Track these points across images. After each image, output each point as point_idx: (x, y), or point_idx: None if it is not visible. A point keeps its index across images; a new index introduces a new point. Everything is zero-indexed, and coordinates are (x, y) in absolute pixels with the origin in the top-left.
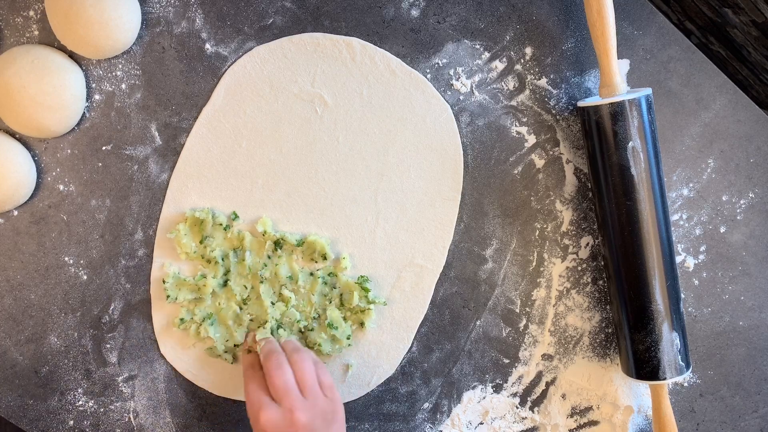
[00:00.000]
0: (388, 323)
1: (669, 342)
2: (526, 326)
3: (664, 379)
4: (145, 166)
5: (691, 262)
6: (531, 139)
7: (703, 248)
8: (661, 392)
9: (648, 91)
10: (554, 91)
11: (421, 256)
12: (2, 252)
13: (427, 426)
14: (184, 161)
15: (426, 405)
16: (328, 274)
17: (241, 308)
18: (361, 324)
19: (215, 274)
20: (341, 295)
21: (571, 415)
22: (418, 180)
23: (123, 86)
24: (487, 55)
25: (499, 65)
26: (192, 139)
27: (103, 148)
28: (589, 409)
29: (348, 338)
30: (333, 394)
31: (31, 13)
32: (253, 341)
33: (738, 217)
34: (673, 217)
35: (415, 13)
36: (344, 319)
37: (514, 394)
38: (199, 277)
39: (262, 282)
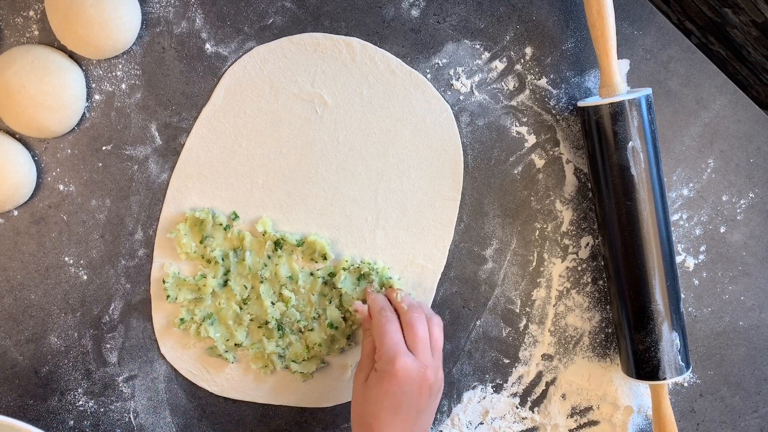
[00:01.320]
0: None
1: (669, 342)
2: (526, 326)
3: (664, 379)
4: (145, 166)
5: (691, 262)
6: (531, 139)
7: (703, 248)
8: (661, 392)
9: (648, 91)
10: (554, 91)
11: (422, 256)
12: (2, 252)
13: None
14: (184, 161)
15: None
16: (328, 274)
17: (241, 308)
18: None
19: (215, 274)
20: (341, 295)
21: (571, 415)
22: (418, 180)
23: (123, 86)
24: (487, 55)
25: (499, 65)
26: (192, 139)
27: (103, 148)
28: (589, 409)
29: (348, 338)
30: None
31: (31, 13)
32: (378, 289)
33: (738, 217)
34: (673, 217)
35: (415, 13)
36: (344, 319)
37: (514, 394)
38: (199, 277)
39: (262, 282)
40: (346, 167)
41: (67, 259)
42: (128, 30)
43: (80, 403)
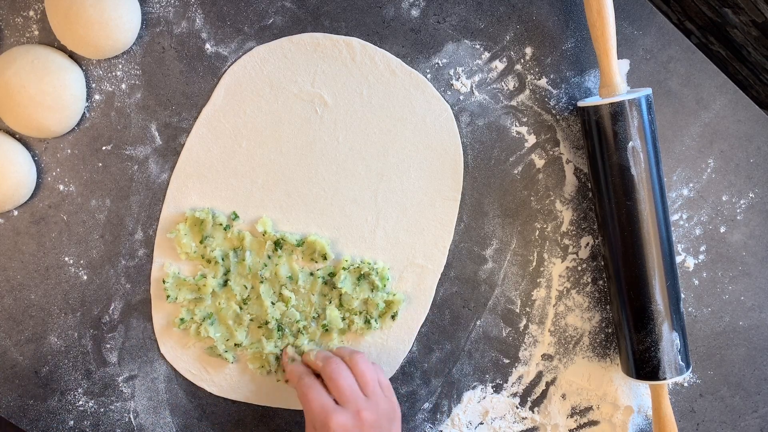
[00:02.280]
0: (389, 324)
1: (669, 342)
2: (526, 326)
3: (664, 379)
4: (145, 166)
5: (691, 262)
6: (531, 139)
7: (703, 248)
8: (661, 392)
9: (648, 91)
10: (554, 91)
11: (422, 256)
12: (2, 252)
13: (427, 426)
14: (184, 161)
15: (426, 405)
16: (328, 274)
17: (241, 308)
18: (393, 317)
19: (215, 274)
20: (341, 295)
21: (571, 415)
22: (418, 180)
23: (123, 86)
24: (487, 55)
25: (499, 65)
26: (192, 139)
27: (103, 148)
28: (589, 409)
29: (344, 337)
30: (391, 394)
31: (31, 13)
32: (295, 354)
33: (738, 217)
34: (673, 217)
35: (415, 13)
36: (343, 319)
37: (514, 394)
38: (199, 277)
39: (262, 282)
40: (346, 167)
41: (67, 259)
42: (128, 30)
43: (80, 403)
